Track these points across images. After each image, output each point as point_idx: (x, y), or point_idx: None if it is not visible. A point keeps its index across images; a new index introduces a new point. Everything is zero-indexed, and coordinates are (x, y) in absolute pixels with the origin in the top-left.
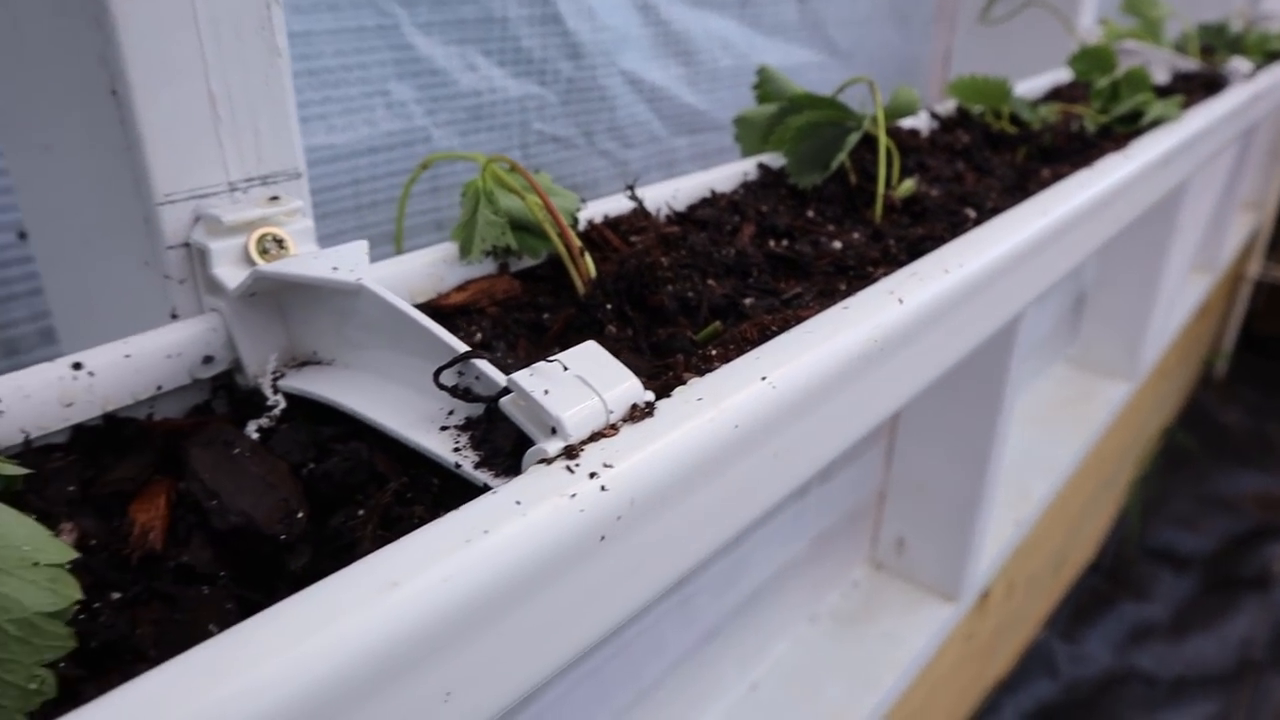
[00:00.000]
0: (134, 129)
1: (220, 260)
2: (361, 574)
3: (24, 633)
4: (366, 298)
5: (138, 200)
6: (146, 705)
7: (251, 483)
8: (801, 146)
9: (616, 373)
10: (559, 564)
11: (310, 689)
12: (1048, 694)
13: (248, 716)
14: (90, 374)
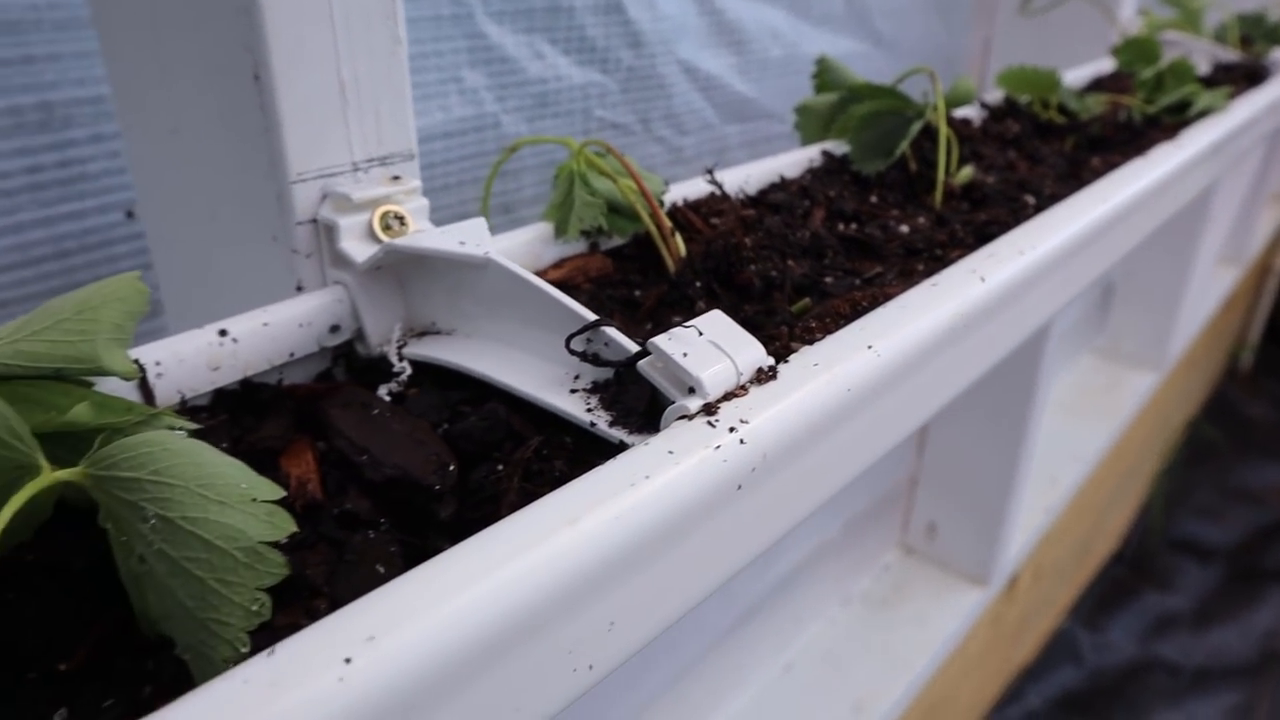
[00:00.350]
0: (273, 112)
1: (348, 235)
2: (546, 512)
3: (249, 559)
4: (494, 270)
5: (271, 179)
6: (402, 608)
7: (398, 439)
8: (864, 134)
9: (743, 339)
10: (703, 509)
11: (507, 612)
12: (1072, 681)
13: (469, 627)
14: (234, 340)
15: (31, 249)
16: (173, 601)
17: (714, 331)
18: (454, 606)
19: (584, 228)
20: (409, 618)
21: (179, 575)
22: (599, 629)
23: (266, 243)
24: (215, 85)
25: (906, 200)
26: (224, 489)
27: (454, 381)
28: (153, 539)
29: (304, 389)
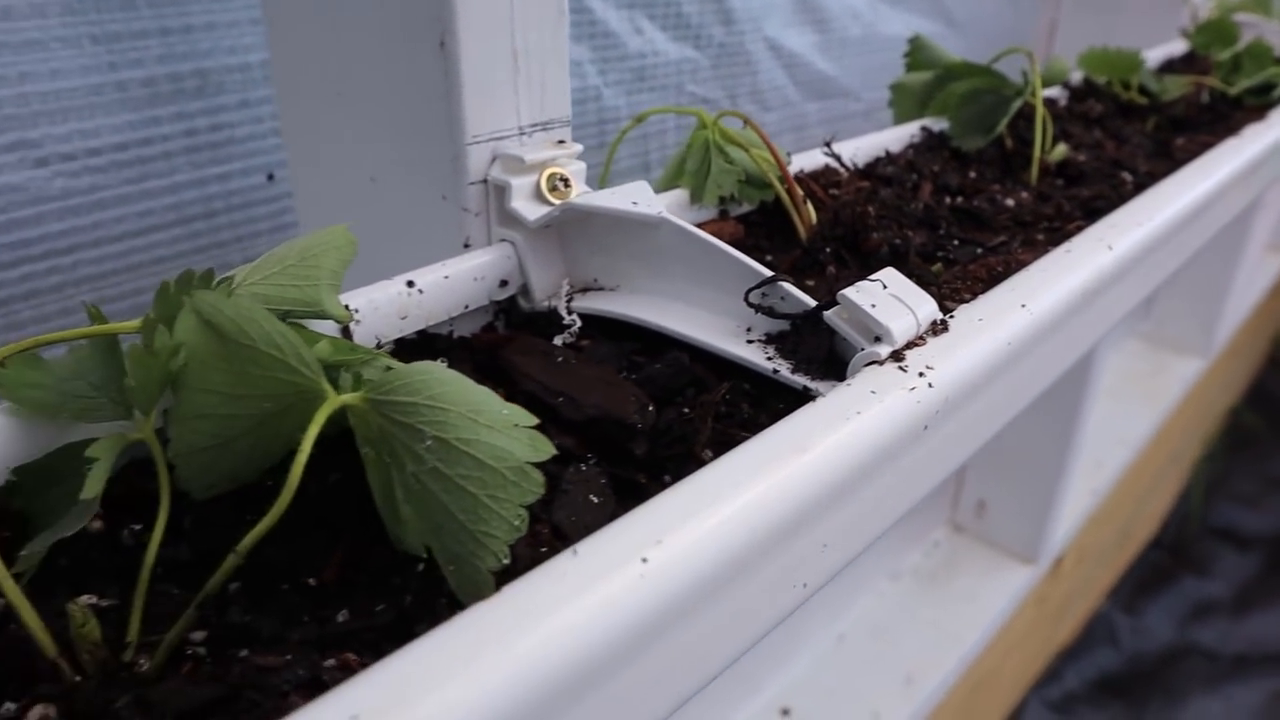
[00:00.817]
0: (456, 78)
1: (518, 195)
2: (779, 441)
3: (516, 477)
4: (667, 229)
5: (448, 141)
6: (679, 517)
7: (592, 383)
8: (964, 112)
9: (920, 295)
10: (899, 445)
11: (755, 528)
12: (1110, 663)
13: (731, 536)
14: (420, 291)
15: (185, 208)
16: (444, 516)
17: (895, 287)
18: (719, 517)
19: (722, 194)
20: (686, 526)
21: (452, 491)
22: (815, 550)
23: (435, 202)
24: (396, 52)
25: (1004, 176)
26: (490, 414)
27: (622, 334)
28: (428, 458)
29: (485, 338)
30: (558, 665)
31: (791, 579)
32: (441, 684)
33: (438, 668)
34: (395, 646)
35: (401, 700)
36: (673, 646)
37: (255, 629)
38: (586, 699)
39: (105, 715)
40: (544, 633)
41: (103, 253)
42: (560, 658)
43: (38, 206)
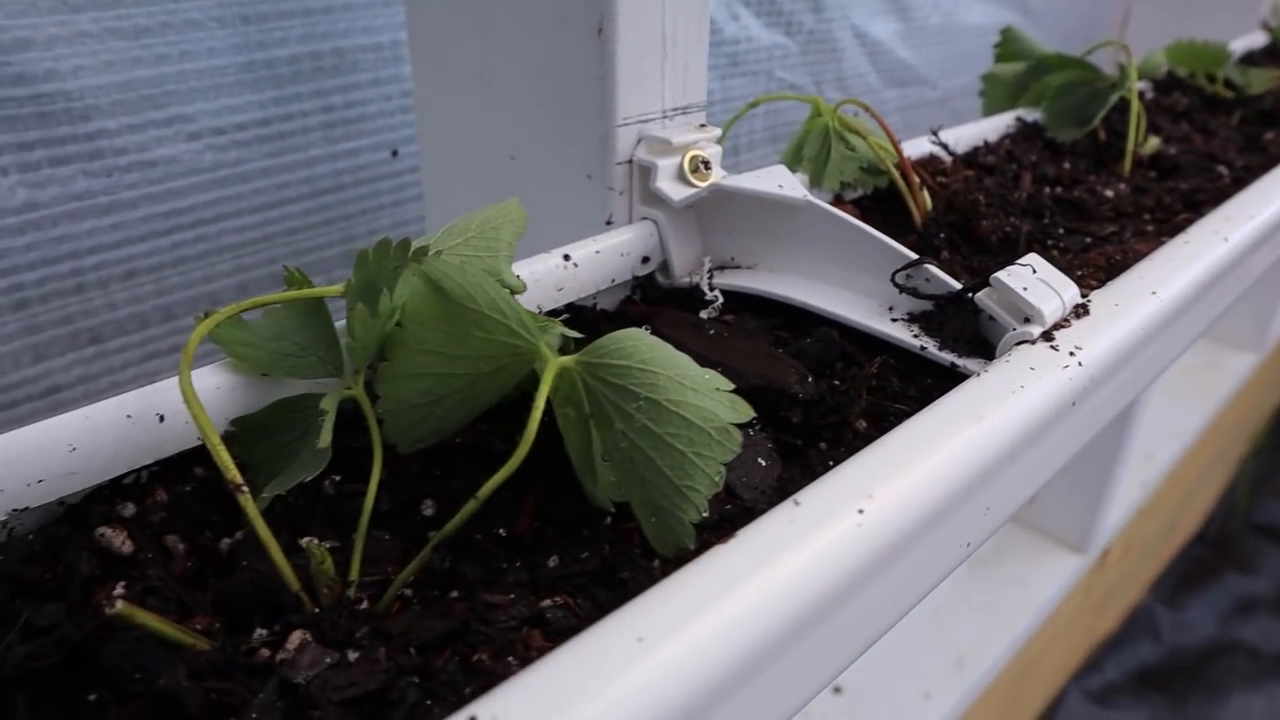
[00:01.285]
0: (611, 62)
1: (663, 176)
2: (955, 411)
3: (720, 437)
4: (811, 211)
5: (598, 123)
6: (885, 472)
7: (748, 355)
8: (1059, 103)
9: (1063, 279)
10: (1053, 418)
11: (944, 488)
12: (1150, 656)
13: (928, 492)
14: (575, 265)
15: (318, 182)
16: (650, 471)
17: (1042, 272)
18: (915, 476)
19: (844, 179)
20: (893, 479)
21: (661, 449)
22: (980, 512)
23: (579, 181)
24: (550, 38)
25: (1097, 167)
26: (695, 379)
27: (763, 310)
28: (638, 418)
29: (635, 310)
30: (789, 604)
31: (959, 538)
32: (701, 612)
33: (696, 599)
34: (603, 590)
35: (673, 626)
36: (869, 594)
37: (459, 573)
38: (808, 636)
39: (349, 643)
40: (776, 574)
41: (243, 223)
42: (790, 597)
43: (190, 178)
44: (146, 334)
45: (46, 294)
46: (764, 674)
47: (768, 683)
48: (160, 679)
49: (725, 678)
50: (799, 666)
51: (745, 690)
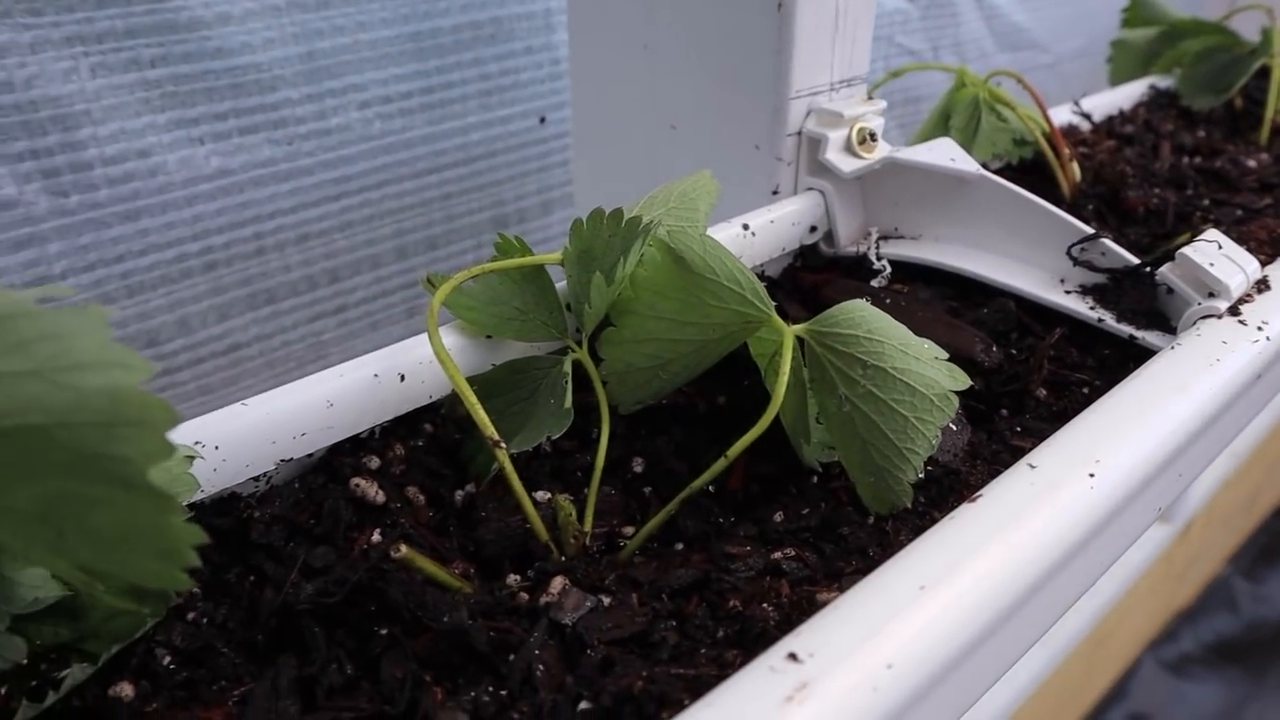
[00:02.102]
0: (789, 36)
1: (832, 147)
2: (1158, 381)
3: (940, 403)
4: (984, 185)
5: (771, 95)
6: (1109, 432)
7: (927, 323)
8: (1196, 70)
9: (1244, 254)
10: (1243, 389)
11: (1155, 454)
12: (1227, 628)
13: (1144, 456)
14: (753, 234)
15: (471, 149)
16: (873, 434)
17: (1227, 248)
18: (1134, 441)
19: (996, 151)
20: (1115, 446)
21: (885, 413)
22: (1174, 479)
23: (746, 151)
24: (727, 13)
25: (1233, 136)
26: (915, 348)
27: (931, 280)
28: (863, 384)
29: (808, 278)
30: (1033, 557)
31: (1155, 502)
32: (965, 563)
33: (958, 552)
34: (827, 543)
35: (944, 576)
36: (1090, 552)
37: (680, 527)
38: (1042, 589)
39: (601, 589)
40: (1020, 531)
41: (403, 189)
42: (1032, 552)
43: (359, 145)
44: (315, 295)
45: (231, 257)
46: (1010, 620)
47: (1010, 630)
48: (444, 617)
49: (989, 622)
50: (1031, 616)
51: (997, 636)
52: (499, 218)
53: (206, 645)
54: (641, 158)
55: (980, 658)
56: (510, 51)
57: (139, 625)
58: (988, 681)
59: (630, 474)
